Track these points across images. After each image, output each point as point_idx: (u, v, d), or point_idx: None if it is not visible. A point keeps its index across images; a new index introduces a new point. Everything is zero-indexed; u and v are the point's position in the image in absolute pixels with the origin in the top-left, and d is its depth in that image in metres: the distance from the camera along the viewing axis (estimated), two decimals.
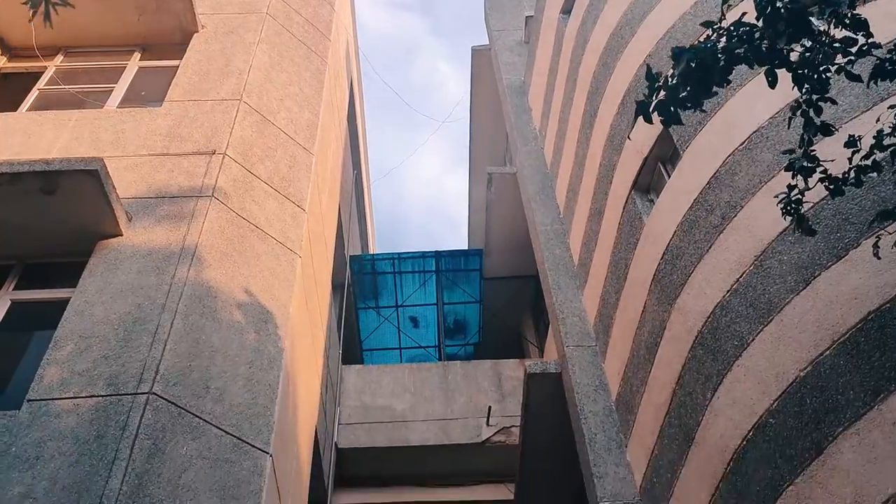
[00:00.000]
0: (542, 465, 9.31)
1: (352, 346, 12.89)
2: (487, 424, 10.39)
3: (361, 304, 13.39)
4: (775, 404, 4.77)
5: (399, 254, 12.99)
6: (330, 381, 9.96)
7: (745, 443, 5.01)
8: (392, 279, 13.12)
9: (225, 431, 5.67)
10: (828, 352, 4.48)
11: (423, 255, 13.01)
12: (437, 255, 13.05)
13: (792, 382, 4.68)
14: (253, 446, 5.78)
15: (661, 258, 6.60)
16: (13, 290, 6.44)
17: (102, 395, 5.35)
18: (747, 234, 5.47)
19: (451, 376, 11.12)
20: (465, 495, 10.40)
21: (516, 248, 12.80)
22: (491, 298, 13.29)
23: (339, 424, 10.37)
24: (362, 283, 13.15)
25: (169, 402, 5.43)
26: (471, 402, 10.77)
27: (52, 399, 5.32)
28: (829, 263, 4.70)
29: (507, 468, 10.24)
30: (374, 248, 16.55)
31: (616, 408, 7.63)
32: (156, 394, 5.39)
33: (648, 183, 7.48)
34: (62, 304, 6.14)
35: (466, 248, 14.30)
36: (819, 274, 4.75)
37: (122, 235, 6.65)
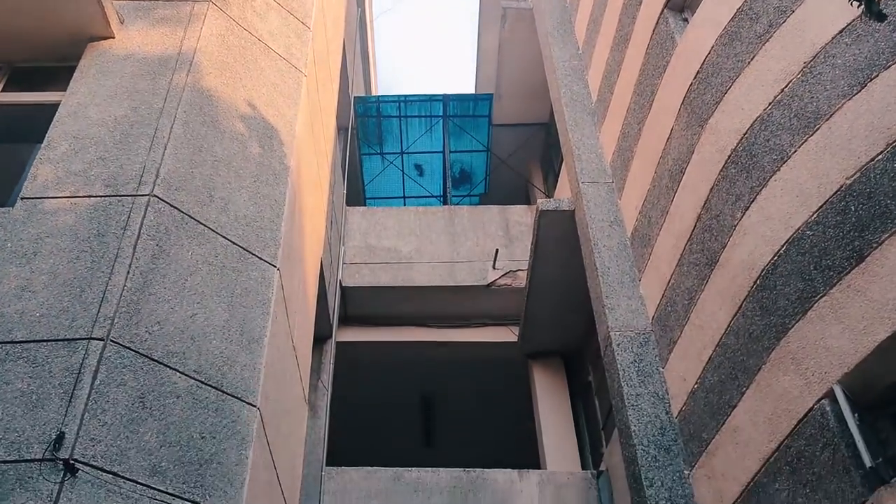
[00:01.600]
0: (547, 306, 9.26)
1: (355, 193, 12.59)
2: (494, 268, 10.26)
3: (365, 149, 12.98)
4: (814, 216, 4.51)
5: (405, 96, 12.42)
6: (334, 219, 9.73)
7: (776, 258, 4.79)
8: (397, 124, 12.63)
9: (231, 241, 5.44)
10: (880, 156, 4.16)
11: (431, 99, 12.45)
12: (445, 98, 12.50)
13: (836, 192, 4.40)
14: (260, 258, 5.57)
15: (694, 78, 6.16)
16: (1, 92, 6.03)
17: (101, 196, 5.06)
18: (797, 40, 5.02)
19: (458, 220, 10.90)
20: (469, 336, 10.43)
21: (528, 93, 12.26)
22: (499, 147, 12.88)
23: (343, 264, 10.24)
24: (366, 126, 12.67)
25: (172, 206, 5.16)
26: (477, 246, 10.60)
27: (48, 198, 5.04)
28: (890, 63, 4.29)
29: (512, 311, 10.22)
30: (378, 93, 15.91)
31: (631, 243, 7.43)
32: (157, 196, 5.11)
33: (682, 1, 6.91)
34: (52, 107, 5.75)
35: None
36: (877, 75, 4.35)
37: (113, 38, 6.17)
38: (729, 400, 5.22)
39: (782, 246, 4.74)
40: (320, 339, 9.15)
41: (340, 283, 9.96)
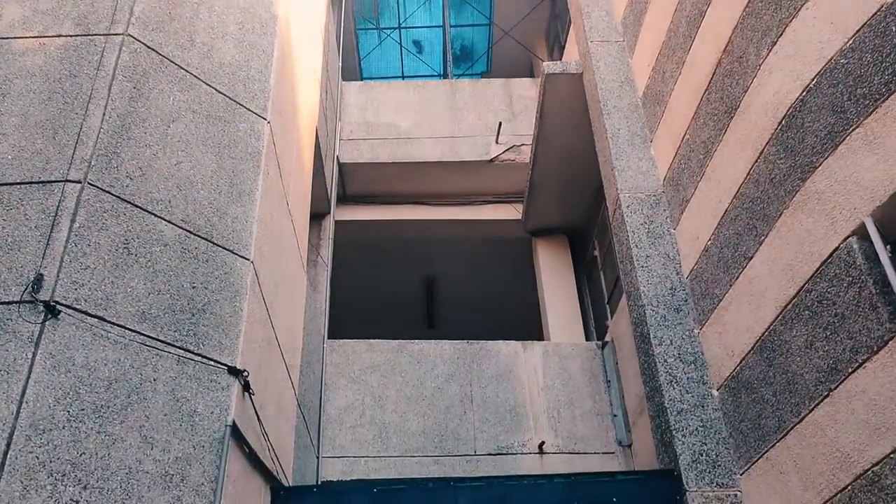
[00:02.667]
0: (552, 180, 8.95)
1: (350, 70, 12.04)
2: (497, 142, 9.88)
3: (361, 24, 12.32)
4: (850, 42, 4.11)
5: None
6: (329, 92, 9.27)
7: (805, 94, 4.43)
8: None
9: (216, 90, 5.08)
10: None
11: None
12: None
13: (875, 13, 3.98)
14: (248, 109, 5.21)
15: None
16: None
17: (71, 35, 4.66)
18: None
19: (459, 95, 10.43)
20: (472, 214, 10.18)
21: None
22: (502, 20, 12.20)
23: (340, 140, 9.86)
24: None
25: (149, 47, 4.76)
26: (479, 120, 10.18)
27: (15, 38, 4.63)
28: None
29: (516, 188, 9.93)
30: None
31: (643, 102, 7.03)
32: (132, 36, 4.70)
33: None
34: None
35: None
36: None
37: None
38: (745, 252, 4.98)
39: (812, 79, 4.37)
40: (319, 215, 8.90)
41: (338, 159, 9.61)
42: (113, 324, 3.82)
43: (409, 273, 11.54)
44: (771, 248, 4.67)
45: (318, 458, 7.11)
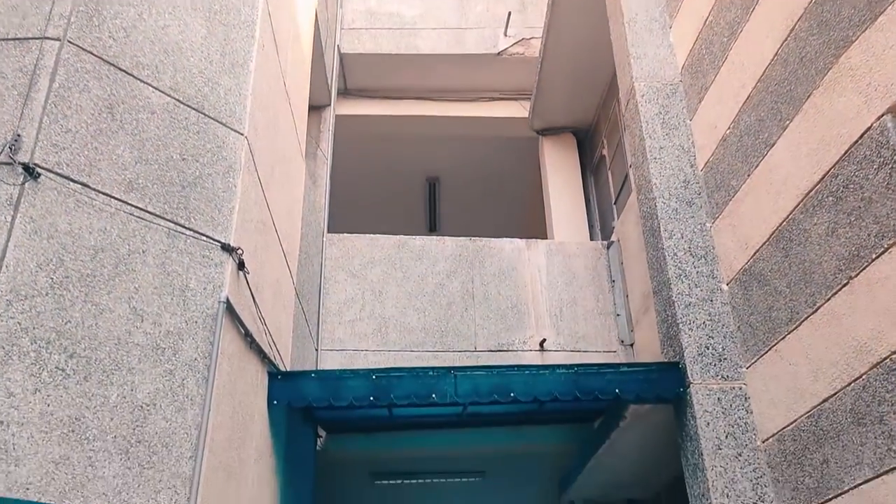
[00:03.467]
0: (562, 75, 8.56)
1: None
2: (505, 35, 9.42)
3: None
4: None
5: None
6: None
7: None
8: None
9: None
10: None
11: None
12: None
13: None
14: None
15: None
16: None
17: None
18: None
19: None
20: (477, 111, 9.82)
21: None
22: None
23: (342, 29, 9.39)
24: None
25: None
26: (488, 11, 9.68)
27: None
28: None
29: (524, 85, 9.53)
30: None
31: None
32: None
33: None
34: None
35: None
36: None
37: None
38: (767, 139, 4.71)
39: None
40: (319, 107, 8.57)
41: (339, 49, 9.18)
42: (98, 191, 3.61)
43: (411, 173, 11.26)
44: (796, 132, 4.40)
45: (316, 350, 7.06)
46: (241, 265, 4.19)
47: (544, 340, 7.22)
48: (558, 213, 8.87)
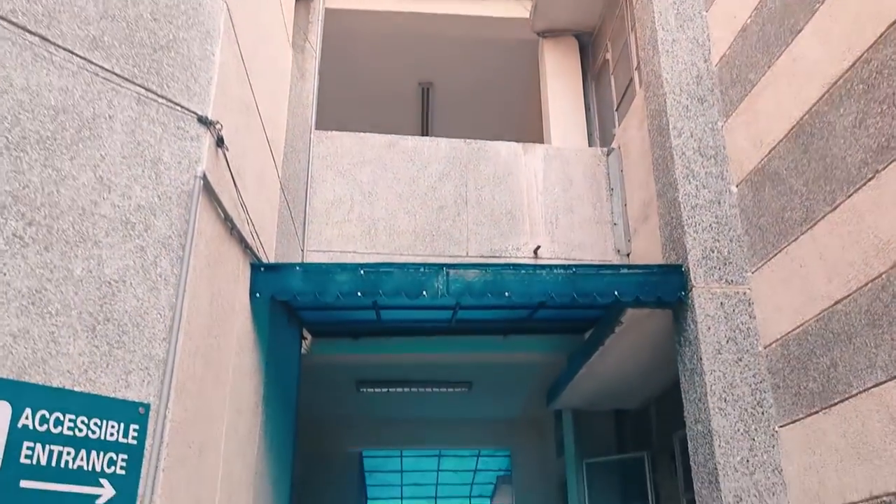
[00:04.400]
0: None
1: None
2: None
3: None
4: None
5: None
6: None
7: None
8: None
9: None
10: None
11: None
12: None
13: None
14: None
15: None
16: None
17: None
18: None
19: None
20: (474, 9, 9.30)
21: None
22: None
23: None
24: None
25: None
26: None
27: None
28: None
29: None
30: None
31: None
32: None
33: None
34: None
35: None
36: None
37: None
38: (793, 25, 4.36)
39: None
40: None
41: None
42: (58, 46, 3.23)
43: (403, 78, 10.75)
44: (826, 15, 4.05)
45: (302, 250, 6.79)
46: (219, 141, 3.86)
47: (538, 248, 6.98)
48: (557, 119, 8.50)
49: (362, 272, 4.79)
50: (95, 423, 2.93)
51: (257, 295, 4.68)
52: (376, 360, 7.85)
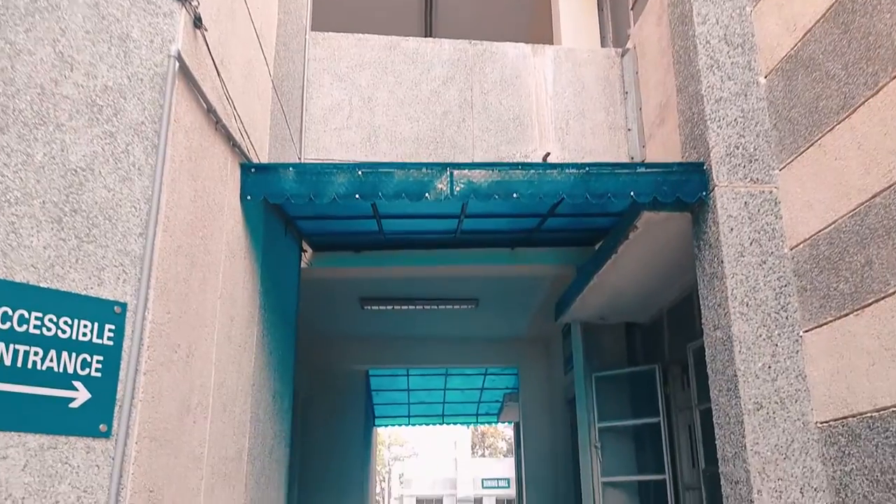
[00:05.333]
0: None
1: None
2: None
3: None
4: None
5: None
6: None
7: None
8: None
9: None
10: None
11: None
12: None
13: None
14: None
15: None
16: None
17: None
18: None
19: None
20: None
21: None
22: None
23: None
24: None
25: None
26: None
27: None
28: None
29: None
30: None
31: None
32: None
33: None
34: None
35: None
36: None
37: None
38: None
39: None
40: None
41: None
42: None
43: None
44: None
45: (299, 158, 6.46)
46: (197, 21, 3.49)
47: (548, 154, 6.62)
48: (568, 19, 7.99)
49: (360, 173, 4.48)
50: (66, 322, 2.69)
51: (248, 198, 4.38)
52: (379, 274, 7.62)
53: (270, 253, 5.10)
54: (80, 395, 2.67)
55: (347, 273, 7.50)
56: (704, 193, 4.45)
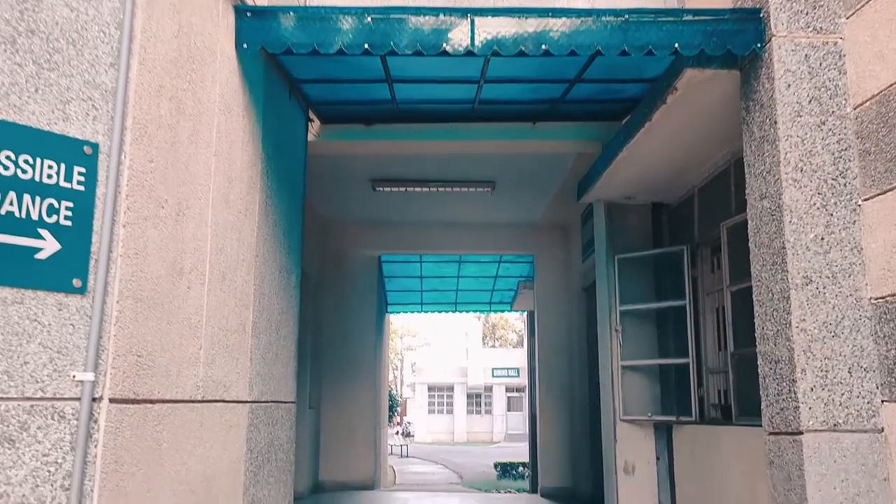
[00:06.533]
0: None
1: None
2: None
3: None
4: None
5: None
6: None
7: None
8: None
9: None
10: None
11: None
12: None
13: None
14: None
15: None
16: None
17: None
18: None
19: None
20: None
21: None
22: None
23: None
24: None
25: None
26: None
27: None
28: None
29: None
30: None
31: None
32: None
33: None
34: None
35: None
36: None
37: None
38: None
39: None
40: None
41: None
42: None
43: None
44: None
45: (303, 1, 5.88)
46: None
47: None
48: None
49: (369, 19, 3.97)
50: (26, 161, 2.31)
51: (244, 46, 3.91)
52: (391, 150, 7.18)
53: (273, 116, 4.67)
54: (48, 244, 2.33)
55: (358, 148, 7.07)
56: (759, 45, 3.92)
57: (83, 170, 2.44)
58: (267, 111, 4.48)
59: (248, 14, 3.93)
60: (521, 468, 20.28)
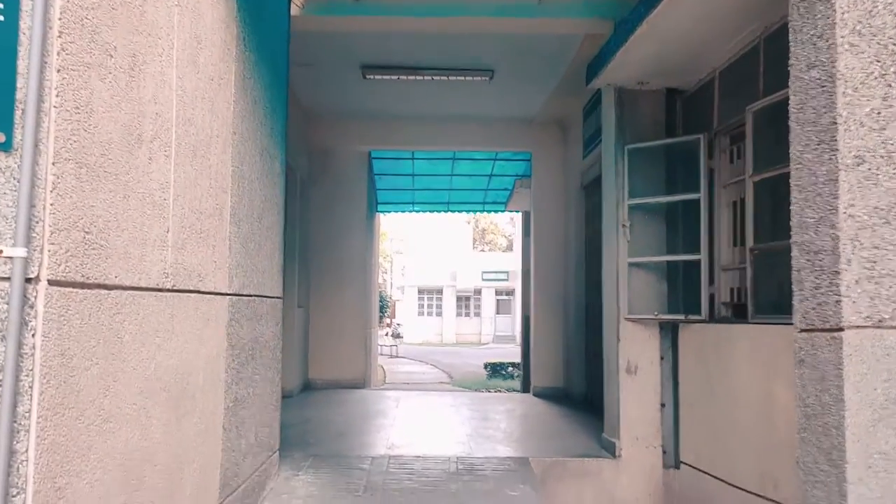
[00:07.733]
0: None
1: None
2: None
3: None
4: None
5: None
6: None
7: None
8: None
9: None
10: None
11: None
12: None
13: None
14: None
15: None
16: None
17: None
18: None
19: None
20: None
21: None
22: None
23: None
24: None
25: None
26: None
27: None
28: None
29: None
30: None
31: None
32: None
33: None
34: None
35: None
36: None
37: None
38: None
39: None
40: None
41: None
42: None
43: None
44: None
45: None
46: None
47: None
48: None
49: None
50: None
51: None
52: (382, 27, 6.54)
53: None
54: None
55: (345, 25, 6.43)
56: None
57: None
58: None
59: None
60: (510, 368, 20.42)
